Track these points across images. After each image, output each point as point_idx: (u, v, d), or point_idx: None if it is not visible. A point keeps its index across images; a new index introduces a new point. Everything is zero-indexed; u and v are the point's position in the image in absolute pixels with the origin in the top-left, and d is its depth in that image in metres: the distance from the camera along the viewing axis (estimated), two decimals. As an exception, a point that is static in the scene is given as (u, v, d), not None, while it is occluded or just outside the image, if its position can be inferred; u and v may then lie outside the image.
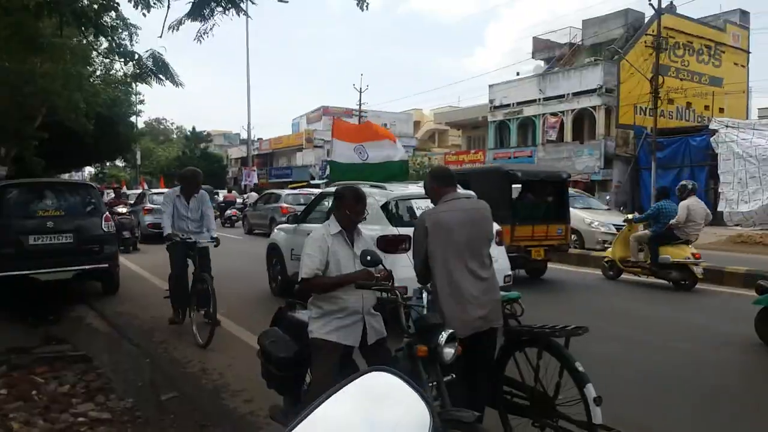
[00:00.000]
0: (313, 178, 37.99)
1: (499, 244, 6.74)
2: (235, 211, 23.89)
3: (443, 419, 2.51)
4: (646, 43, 24.59)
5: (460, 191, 3.66)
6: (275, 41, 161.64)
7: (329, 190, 8.40)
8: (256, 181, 35.50)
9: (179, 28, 6.56)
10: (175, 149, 59.79)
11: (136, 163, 46.56)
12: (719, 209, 16.79)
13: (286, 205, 17.53)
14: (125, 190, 27.36)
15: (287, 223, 8.98)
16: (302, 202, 16.78)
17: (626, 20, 28.16)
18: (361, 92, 37.36)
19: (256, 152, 46.25)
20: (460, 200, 3.42)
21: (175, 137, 71.12)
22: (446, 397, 2.73)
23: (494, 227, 3.59)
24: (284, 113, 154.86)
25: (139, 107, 30.73)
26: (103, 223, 7.99)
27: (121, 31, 9.09)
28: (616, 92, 26.32)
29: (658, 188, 10.54)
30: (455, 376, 2.82)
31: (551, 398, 3.28)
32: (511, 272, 7.09)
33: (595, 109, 26.85)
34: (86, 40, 9.65)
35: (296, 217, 8.80)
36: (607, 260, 10.14)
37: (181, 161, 51.71)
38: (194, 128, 56.79)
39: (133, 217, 14.96)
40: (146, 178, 49.86)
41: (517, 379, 3.51)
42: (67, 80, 15.41)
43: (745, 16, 31.65)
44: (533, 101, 29.11)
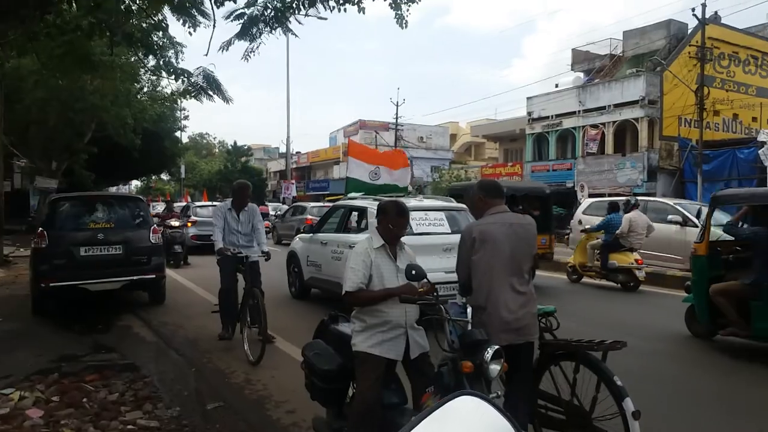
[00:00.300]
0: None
1: None
2: (267, 222, 24.36)
3: None
4: (689, 53, 24.00)
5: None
6: (313, 55, 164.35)
7: (341, 203, 9.55)
8: (294, 194, 35.96)
9: (228, 48, 6.76)
10: (217, 163, 61.22)
11: (180, 176, 47.88)
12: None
13: (310, 217, 18.08)
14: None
15: (303, 233, 9.90)
16: (327, 214, 17.21)
17: (669, 31, 27.60)
18: (397, 106, 37.59)
19: (294, 165, 46.93)
20: (507, 213, 3.41)
21: (217, 151, 72.85)
22: None
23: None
24: (322, 127, 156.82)
25: (183, 122, 31.66)
26: (150, 235, 8.22)
27: (167, 49, 9.44)
28: (659, 103, 25.72)
29: (609, 203, 11.53)
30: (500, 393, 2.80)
31: (588, 413, 3.25)
32: None
33: (637, 120, 26.29)
34: (136, 57, 10.04)
35: (312, 227, 9.65)
36: (570, 266, 11.30)
37: (222, 175, 52.97)
38: (235, 142, 58.17)
39: (184, 230, 14.64)
40: (189, 191, 51.16)
41: (551, 392, 3.48)
42: (116, 97, 16.01)
43: (794, 25, 30.59)
44: (573, 113, 28.69)
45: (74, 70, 9.17)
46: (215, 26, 7.07)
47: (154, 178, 55.04)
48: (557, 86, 31.26)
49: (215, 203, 22.93)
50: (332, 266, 8.08)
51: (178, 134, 33.90)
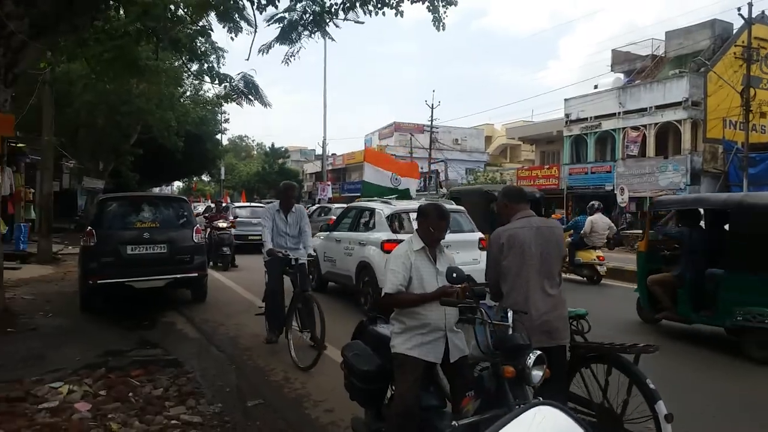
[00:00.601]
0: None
1: (482, 249, 8.21)
2: None
3: None
4: (735, 54, 23.29)
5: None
6: (349, 58, 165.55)
7: (354, 204, 10.65)
8: (330, 195, 36.22)
9: (269, 51, 6.89)
10: (255, 165, 62.24)
11: (220, 177, 48.83)
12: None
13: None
14: (209, 203, 28.63)
15: (321, 231, 10.50)
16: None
17: (713, 31, 26.76)
18: (432, 108, 37.48)
19: (330, 167, 47.29)
20: (533, 218, 3.44)
21: (255, 153, 74.06)
22: None
23: (562, 243, 3.57)
24: (357, 129, 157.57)
25: (224, 125, 32.31)
26: (194, 234, 8.44)
27: (210, 54, 9.67)
28: (703, 105, 25.00)
29: (587, 205, 12.64)
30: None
31: (619, 415, 3.28)
32: None
33: (680, 122, 25.60)
34: (180, 62, 10.32)
35: (329, 226, 10.41)
36: None
37: (260, 176, 53.81)
38: (273, 145, 59.01)
39: (232, 232, 14.17)
40: (229, 191, 52.14)
41: (581, 395, 3.49)
42: (160, 100, 16.45)
43: None
44: (613, 115, 28.12)
45: (122, 74, 9.46)
46: (256, 31, 7.24)
47: (195, 179, 56.32)
48: (596, 87, 30.68)
49: (253, 204, 23.37)
50: (345, 261, 8.86)
51: (218, 137, 34.67)
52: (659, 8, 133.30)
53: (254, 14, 7.30)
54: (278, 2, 6.90)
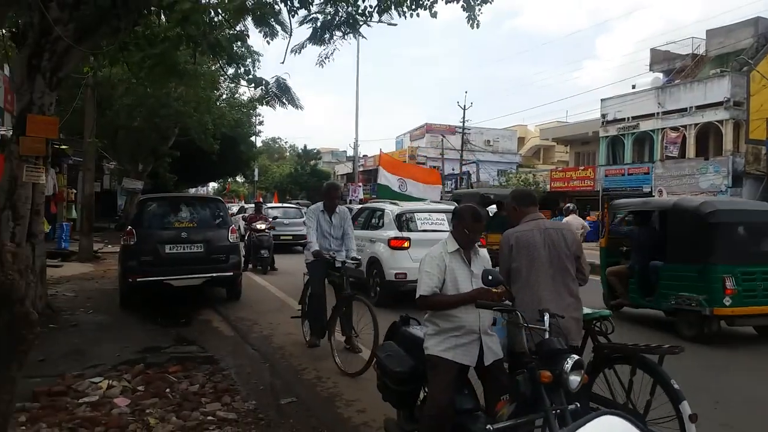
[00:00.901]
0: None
1: (480, 247, 8.35)
2: None
3: None
4: (780, 52, 22.45)
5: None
6: (381, 59, 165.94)
7: (368, 205, 11.78)
8: (361, 196, 36.32)
9: (301, 51, 6.97)
10: (287, 166, 62.90)
11: (254, 179, 49.53)
12: None
13: None
14: (242, 203, 28.99)
15: None
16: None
17: (756, 29, 25.87)
18: (464, 109, 37.17)
19: (361, 168, 47.43)
20: (541, 220, 3.49)
21: (288, 155, 74.88)
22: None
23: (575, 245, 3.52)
24: (389, 130, 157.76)
25: (258, 128, 32.76)
26: (229, 235, 8.61)
27: (246, 58, 9.82)
28: (745, 105, 24.19)
29: (563, 207, 13.79)
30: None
31: (642, 416, 3.27)
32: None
33: (721, 123, 24.84)
34: (218, 65, 10.50)
35: None
36: None
37: (293, 177, 54.34)
38: (305, 146, 59.51)
39: (271, 234, 13.49)
40: (262, 192, 52.83)
41: (605, 395, 3.50)
42: (197, 103, 16.77)
43: None
44: (651, 115, 27.44)
45: (163, 78, 9.68)
46: (291, 35, 7.32)
47: (229, 180, 57.24)
48: (634, 87, 30.01)
49: (285, 204, 23.56)
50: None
51: (253, 139, 35.14)
52: (700, 6, 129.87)
53: (289, 19, 7.40)
54: (311, 5, 6.98)
